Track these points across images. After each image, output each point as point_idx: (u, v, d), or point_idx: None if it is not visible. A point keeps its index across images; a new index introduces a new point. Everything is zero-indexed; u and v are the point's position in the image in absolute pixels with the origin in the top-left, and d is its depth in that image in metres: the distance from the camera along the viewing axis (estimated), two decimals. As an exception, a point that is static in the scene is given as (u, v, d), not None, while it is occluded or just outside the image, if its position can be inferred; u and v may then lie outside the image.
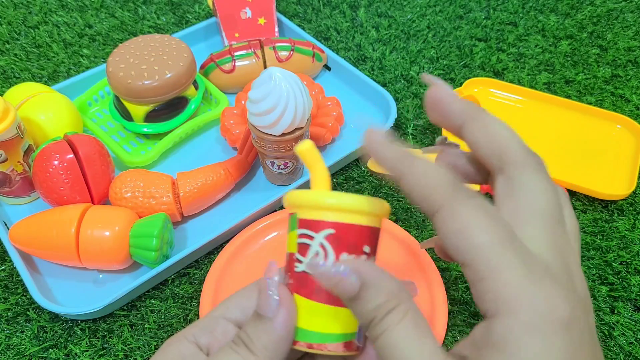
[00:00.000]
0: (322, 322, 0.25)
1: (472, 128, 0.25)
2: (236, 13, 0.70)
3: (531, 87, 0.68)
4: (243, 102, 0.62)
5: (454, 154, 0.27)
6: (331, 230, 0.25)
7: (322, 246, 0.25)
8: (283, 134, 0.51)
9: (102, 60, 0.73)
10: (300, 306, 0.25)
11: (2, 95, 0.58)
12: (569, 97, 0.67)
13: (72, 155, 0.50)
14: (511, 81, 0.69)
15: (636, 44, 0.74)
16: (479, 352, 0.22)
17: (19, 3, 0.81)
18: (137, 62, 0.57)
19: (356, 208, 0.25)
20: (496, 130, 0.25)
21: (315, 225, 0.25)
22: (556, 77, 0.70)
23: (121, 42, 0.68)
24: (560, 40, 0.75)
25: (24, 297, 0.50)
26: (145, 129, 0.60)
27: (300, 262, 0.26)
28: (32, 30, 0.76)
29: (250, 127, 0.52)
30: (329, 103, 0.62)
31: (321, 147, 0.62)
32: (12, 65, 0.71)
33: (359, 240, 0.26)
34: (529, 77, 0.70)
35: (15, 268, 0.51)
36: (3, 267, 0.52)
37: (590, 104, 0.66)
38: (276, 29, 0.71)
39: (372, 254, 0.27)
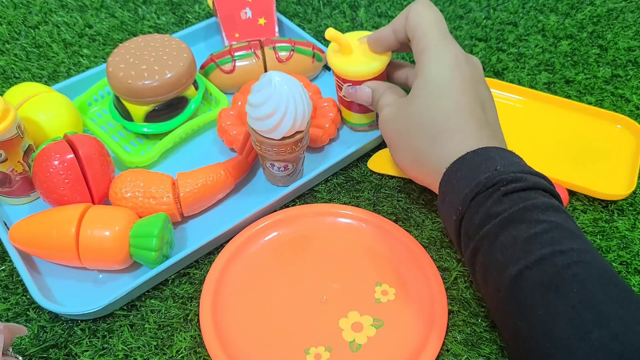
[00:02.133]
0: (356, 118, 0.61)
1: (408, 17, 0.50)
2: (236, 13, 0.70)
3: (531, 87, 0.68)
4: (240, 103, 0.62)
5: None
6: (349, 83, 0.57)
7: (347, 89, 0.58)
8: (283, 138, 0.51)
9: (102, 60, 0.73)
10: (347, 112, 0.61)
11: (2, 95, 0.58)
12: (569, 97, 0.67)
13: (72, 155, 0.50)
14: (511, 81, 0.69)
15: (636, 44, 0.74)
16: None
17: (19, 3, 0.81)
18: (137, 62, 0.57)
19: (361, 76, 0.56)
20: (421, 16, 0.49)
21: (342, 80, 0.57)
22: (556, 77, 0.70)
23: (121, 42, 0.68)
24: (560, 40, 0.75)
25: (24, 297, 0.50)
26: (145, 129, 0.60)
27: (340, 89, 0.59)
28: (32, 30, 0.77)
29: (250, 130, 0.52)
30: (326, 104, 0.62)
31: (319, 149, 0.62)
32: (12, 65, 0.71)
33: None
34: (529, 77, 0.70)
35: (15, 268, 0.51)
36: (3, 267, 0.52)
37: (590, 103, 0.66)
38: (276, 29, 0.71)
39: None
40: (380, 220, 0.53)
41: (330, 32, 0.54)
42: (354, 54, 0.56)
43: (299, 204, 0.57)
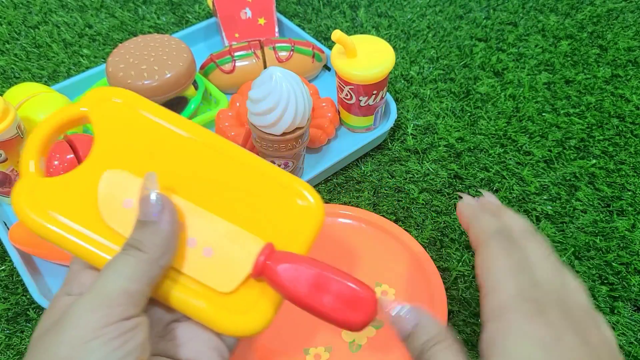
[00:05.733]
0: (355, 120, 0.62)
1: (477, 255, 0.32)
2: (236, 13, 0.70)
3: (531, 87, 0.68)
4: (238, 104, 0.62)
5: None
6: (351, 86, 0.57)
7: (348, 92, 0.58)
8: (284, 134, 0.51)
9: (102, 60, 0.73)
10: (346, 114, 0.62)
11: (2, 95, 0.58)
12: (568, 97, 0.67)
13: (72, 155, 0.50)
14: (511, 81, 0.69)
15: (636, 44, 0.74)
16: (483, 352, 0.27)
17: (19, 3, 0.81)
18: (137, 62, 0.57)
19: (363, 80, 0.56)
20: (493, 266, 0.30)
21: (345, 82, 0.58)
22: (556, 77, 0.70)
23: (121, 42, 0.68)
24: (560, 40, 0.75)
25: (24, 297, 0.50)
26: (145, 129, 0.60)
27: (341, 90, 0.59)
28: (32, 30, 0.77)
29: (250, 126, 0.52)
30: (324, 104, 0.62)
31: (317, 149, 0.61)
32: (12, 65, 0.71)
33: (367, 89, 0.57)
34: (529, 77, 0.70)
35: (15, 268, 0.51)
36: (3, 267, 0.52)
37: (590, 103, 0.66)
38: (276, 29, 0.71)
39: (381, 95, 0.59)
40: (380, 220, 0.53)
41: (336, 34, 0.54)
42: (358, 57, 0.57)
43: (299, 204, 0.57)
